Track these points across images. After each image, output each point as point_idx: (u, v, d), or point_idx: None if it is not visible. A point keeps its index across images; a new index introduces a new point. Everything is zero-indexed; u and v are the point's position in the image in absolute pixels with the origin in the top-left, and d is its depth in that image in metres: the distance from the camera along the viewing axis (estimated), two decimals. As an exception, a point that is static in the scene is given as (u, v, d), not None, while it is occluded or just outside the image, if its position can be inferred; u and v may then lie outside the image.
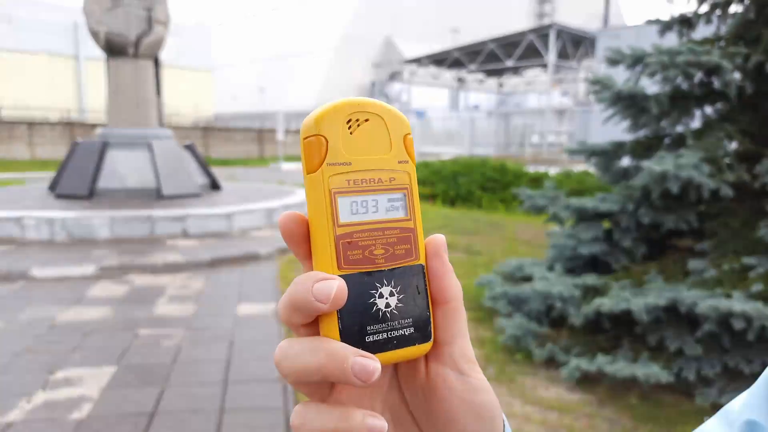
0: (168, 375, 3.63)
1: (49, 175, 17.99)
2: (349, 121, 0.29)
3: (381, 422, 0.28)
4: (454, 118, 40.34)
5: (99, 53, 10.08)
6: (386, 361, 0.28)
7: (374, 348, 0.29)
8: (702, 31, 4.56)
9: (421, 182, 12.84)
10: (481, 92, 54.70)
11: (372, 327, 0.29)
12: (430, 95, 52.74)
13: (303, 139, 0.29)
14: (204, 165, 10.46)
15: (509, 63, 35.72)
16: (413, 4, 61.42)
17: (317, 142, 0.28)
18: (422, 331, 0.31)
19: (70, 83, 38.84)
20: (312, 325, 0.29)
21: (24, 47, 35.20)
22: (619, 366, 3.19)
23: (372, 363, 0.27)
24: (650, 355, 3.33)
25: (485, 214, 10.74)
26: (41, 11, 35.89)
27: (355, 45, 57.06)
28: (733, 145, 4.06)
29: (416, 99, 48.51)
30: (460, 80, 46.36)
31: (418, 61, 40.74)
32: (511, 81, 51.56)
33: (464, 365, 0.32)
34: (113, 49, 9.48)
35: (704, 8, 4.35)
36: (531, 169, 12.92)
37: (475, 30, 59.77)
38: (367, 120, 0.30)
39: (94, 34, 9.34)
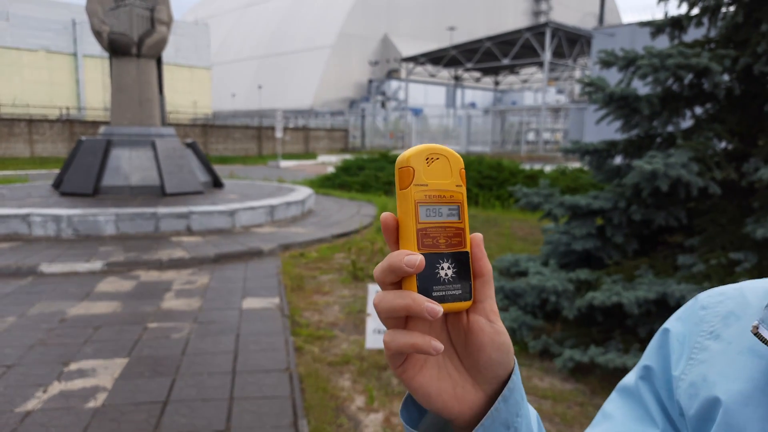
0: (178, 366, 3.78)
1: (50, 172, 18.08)
2: (428, 158, 0.46)
3: (440, 345, 0.42)
4: (451, 116, 40.44)
5: (97, 50, 10.23)
6: (445, 309, 0.43)
7: (437, 300, 0.45)
8: (693, 34, 4.71)
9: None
10: (477, 90, 54.81)
11: (436, 287, 0.45)
12: (426, 93, 52.81)
13: (398, 168, 0.46)
14: (206, 163, 10.60)
15: (505, 61, 35.84)
16: (410, 3, 61.42)
17: (408, 171, 0.45)
18: (466, 292, 0.46)
19: (68, 80, 38.81)
20: (397, 285, 0.45)
21: (22, 44, 35.18)
22: (610, 357, 3.34)
23: (437, 307, 0.42)
24: (641, 346, 3.48)
25: (482, 211, 10.90)
26: (39, 8, 35.85)
27: (353, 43, 57.09)
28: (722, 145, 4.21)
29: (413, 97, 48.59)
30: (457, 78, 46.46)
31: (414, 59, 40.84)
32: (507, 79, 51.66)
33: (492, 316, 0.47)
34: (116, 49, 9.60)
35: (695, 11, 4.50)
36: (527, 167, 13.08)
37: (472, 28, 59.89)
38: (437, 158, 0.46)
39: (97, 34, 9.46)
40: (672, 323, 0.56)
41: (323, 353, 4.11)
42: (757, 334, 0.45)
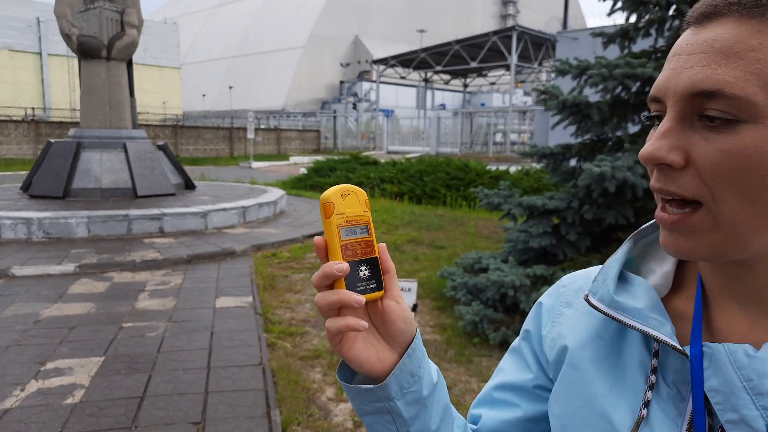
0: (154, 363, 3.92)
1: (17, 174, 17.74)
2: (342, 195, 0.63)
3: (365, 323, 0.61)
4: (422, 117, 40.82)
5: (63, 49, 10.20)
6: (366, 298, 0.62)
7: (360, 293, 0.62)
8: (645, 43, 5.03)
9: (389, 181, 13.24)
10: (447, 91, 55.35)
11: (358, 284, 0.62)
12: (398, 94, 53.14)
13: (322, 203, 0.63)
14: (177, 165, 10.64)
15: (473, 64, 36.37)
16: (380, 5, 61.70)
17: (330, 205, 0.62)
18: (379, 285, 0.64)
19: (33, 80, 37.97)
20: (330, 286, 0.62)
21: (-16, 43, 34.32)
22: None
23: (361, 297, 0.60)
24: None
25: (449, 211, 11.18)
26: (2, 5, 34.96)
27: (324, 44, 57.08)
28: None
29: (384, 98, 48.84)
30: (427, 81, 46.92)
31: (385, 61, 41.11)
32: (475, 81, 52.32)
33: (399, 299, 0.66)
34: (86, 51, 9.58)
35: (641, 23, 4.82)
36: (493, 168, 13.43)
37: (441, 31, 60.46)
38: (349, 194, 0.64)
39: (66, 37, 9.43)
40: (544, 298, 0.77)
41: (295, 348, 4.29)
42: (587, 300, 0.64)
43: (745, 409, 0.49)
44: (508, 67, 35.35)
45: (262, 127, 37.35)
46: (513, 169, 12.41)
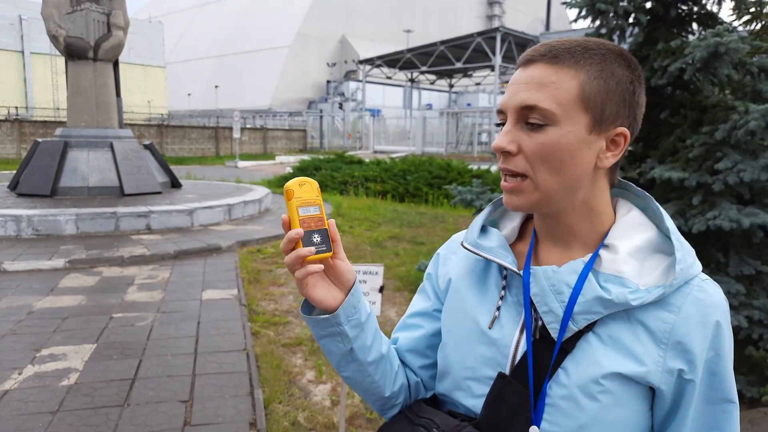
0: (144, 349, 4.16)
1: (1, 174, 17.75)
2: (300, 184, 0.87)
3: (321, 267, 0.86)
4: (408, 118, 41.12)
5: (46, 48, 10.34)
6: (319, 257, 0.86)
7: (318, 253, 0.85)
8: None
9: (373, 180, 13.52)
10: (434, 91, 55.68)
11: (312, 246, 0.86)
12: (384, 94, 53.38)
13: (285, 190, 0.86)
14: (164, 164, 10.83)
15: (459, 64, 36.73)
16: (366, 5, 61.91)
17: (290, 191, 0.85)
18: (328, 248, 0.88)
19: (15, 79, 37.70)
20: (292, 249, 0.85)
21: (-34, 42, 34.03)
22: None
23: (312, 248, 0.84)
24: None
25: (431, 209, 11.50)
26: (-17, 4, 34.73)
27: (310, 43, 57.19)
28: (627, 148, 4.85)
29: (371, 98, 49.07)
30: (413, 81, 47.24)
31: (371, 61, 41.33)
32: (461, 81, 52.74)
33: (343, 258, 0.91)
34: (73, 52, 9.74)
35: (603, 30, 5.14)
36: (475, 167, 13.76)
37: (428, 31, 60.84)
38: (305, 183, 0.88)
39: (53, 38, 9.59)
40: (441, 250, 1.05)
41: (278, 336, 4.56)
42: (462, 245, 0.93)
43: (551, 303, 0.81)
44: (492, 68, 35.80)
45: (248, 126, 37.42)
46: (494, 168, 12.74)
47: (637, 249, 0.81)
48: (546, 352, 0.80)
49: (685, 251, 0.80)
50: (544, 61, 0.79)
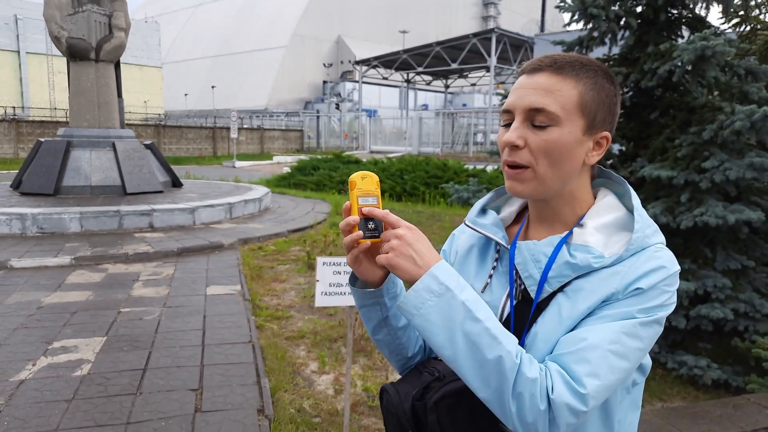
0: (153, 341, 4.30)
1: (1, 173, 17.82)
2: (362, 177, 1.02)
3: (367, 244, 1.01)
4: (404, 118, 41.29)
5: (42, 48, 10.46)
6: (372, 242, 0.99)
7: (367, 237, 0.99)
8: (602, 51, 5.52)
9: (371, 179, 13.66)
10: (430, 92, 55.85)
11: (366, 232, 0.99)
12: (381, 94, 53.55)
13: (350, 181, 1.01)
14: (165, 163, 10.96)
15: (454, 65, 36.91)
16: (362, 5, 62.05)
17: (354, 182, 1.00)
18: (380, 233, 1.01)
19: (11, 79, 37.69)
20: (351, 231, 0.95)
21: (-38, 41, 34.00)
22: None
23: (360, 233, 0.96)
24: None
25: (427, 208, 11.66)
26: (-21, 4, 34.68)
27: (307, 44, 57.30)
28: (617, 148, 5.03)
29: (367, 98, 49.22)
30: (409, 81, 47.41)
31: (367, 62, 41.47)
32: (456, 82, 52.91)
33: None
34: (75, 53, 9.87)
35: (596, 33, 5.31)
36: (471, 166, 13.93)
37: (424, 32, 61.00)
38: (367, 177, 1.02)
39: (56, 40, 9.71)
40: (455, 232, 1.22)
41: (281, 330, 4.71)
42: (464, 223, 1.11)
43: (531, 269, 0.97)
44: (488, 69, 36.00)
45: (246, 126, 37.51)
46: (490, 168, 12.91)
47: (604, 225, 0.97)
48: (526, 312, 0.97)
49: (644, 224, 0.95)
50: (549, 70, 0.95)
